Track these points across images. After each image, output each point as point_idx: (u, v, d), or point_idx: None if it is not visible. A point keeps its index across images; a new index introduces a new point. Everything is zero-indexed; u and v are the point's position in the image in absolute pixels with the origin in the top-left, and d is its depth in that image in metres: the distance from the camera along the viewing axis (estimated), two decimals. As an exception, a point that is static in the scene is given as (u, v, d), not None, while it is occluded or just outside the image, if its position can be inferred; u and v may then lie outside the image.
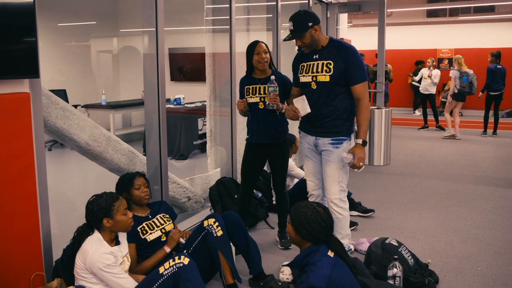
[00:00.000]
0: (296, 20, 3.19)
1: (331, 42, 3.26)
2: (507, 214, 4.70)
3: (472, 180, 6.04)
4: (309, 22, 3.14)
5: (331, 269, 2.40)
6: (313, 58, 3.25)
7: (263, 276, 3.16)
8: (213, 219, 2.98)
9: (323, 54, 3.22)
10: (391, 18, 13.42)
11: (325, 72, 3.19)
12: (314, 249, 2.52)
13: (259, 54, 3.62)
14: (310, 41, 3.19)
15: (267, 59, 3.64)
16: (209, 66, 4.96)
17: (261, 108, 3.62)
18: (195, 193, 4.71)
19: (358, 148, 3.17)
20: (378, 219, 4.58)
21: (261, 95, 3.62)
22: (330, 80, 3.18)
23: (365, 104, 3.20)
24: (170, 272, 2.52)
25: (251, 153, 3.81)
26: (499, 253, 3.75)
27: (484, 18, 13.19)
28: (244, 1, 5.22)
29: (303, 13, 3.24)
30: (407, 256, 3.23)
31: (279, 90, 3.51)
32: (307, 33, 3.16)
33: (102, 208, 2.58)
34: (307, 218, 2.54)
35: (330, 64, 3.17)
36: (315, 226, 2.53)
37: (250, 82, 3.71)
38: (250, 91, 3.67)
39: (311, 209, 2.59)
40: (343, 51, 3.18)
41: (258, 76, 3.71)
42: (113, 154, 3.77)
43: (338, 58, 3.17)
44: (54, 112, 3.25)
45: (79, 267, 2.53)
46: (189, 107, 7.97)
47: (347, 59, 3.15)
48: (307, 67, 3.28)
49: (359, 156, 3.14)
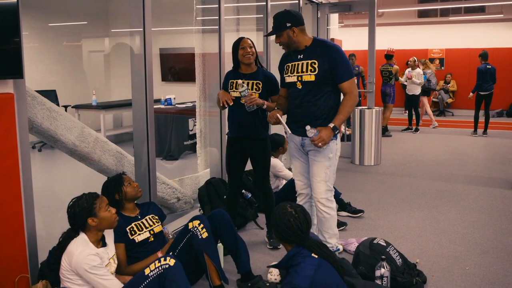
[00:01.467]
0: (276, 18, 3.26)
1: (314, 42, 3.28)
2: (496, 213, 4.73)
3: (461, 180, 6.07)
4: (287, 23, 3.19)
5: (315, 270, 2.39)
6: (298, 58, 3.27)
7: (251, 276, 3.15)
8: (198, 221, 2.97)
9: (307, 53, 3.24)
10: (382, 18, 13.45)
11: (310, 71, 3.20)
12: (298, 251, 2.51)
13: (244, 48, 3.63)
14: (286, 40, 3.23)
15: (252, 53, 3.65)
16: (198, 66, 4.95)
17: (243, 102, 3.58)
18: (185, 193, 4.69)
19: (326, 129, 3.13)
20: (368, 219, 4.58)
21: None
22: (316, 79, 3.19)
23: (351, 97, 3.20)
24: (156, 273, 2.50)
25: (232, 148, 3.81)
26: (487, 253, 3.76)
27: (474, 19, 13.27)
28: (234, 1, 5.21)
29: (285, 12, 3.27)
30: (395, 256, 3.23)
31: (263, 87, 3.58)
32: (284, 32, 3.20)
33: (84, 209, 2.56)
34: (278, 219, 2.54)
35: (314, 64, 3.19)
36: (283, 228, 2.52)
37: (235, 76, 3.71)
38: (234, 85, 3.67)
39: (282, 210, 2.57)
40: (327, 50, 3.20)
41: (244, 71, 3.71)
42: (101, 155, 3.75)
43: (322, 57, 3.18)
44: (40, 113, 3.23)
45: (65, 269, 2.51)
46: (179, 108, 7.95)
47: (332, 58, 3.17)
48: (292, 67, 3.29)
49: (321, 135, 3.10)
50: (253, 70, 3.69)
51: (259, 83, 3.63)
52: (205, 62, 4.97)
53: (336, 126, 3.16)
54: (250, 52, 3.63)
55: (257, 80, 3.64)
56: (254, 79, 3.65)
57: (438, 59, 13.86)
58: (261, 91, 3.62)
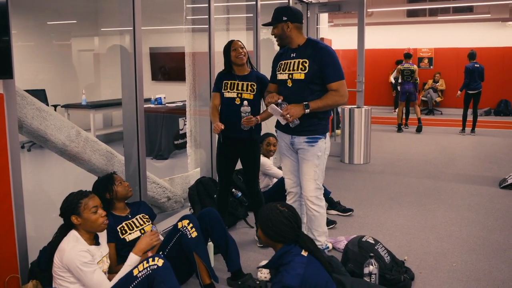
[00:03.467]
0: (276, 10, 3.38)
1: (308, 42, 3.33)
2: (482, 211, 4.80)
3: (449, 178, 6.14)
4: (284, 16, 3.28)
5: (304, 268, 2.41)
6: (291, 56, 3.33)
7: (241, 275, 3.18)
8: (187, 220, 2.98)
9: (299, 52, 3.30)
10: (372, 17, 13.54)
11: (301, 70, 3.24)
12: (287, 250, 2.51)
13: (236, 50, 3.68)
14: (280, 32, 3.31)
15: (244, 53, 3.70)
16: (189, 65, 4.96)
17: (237, 103, 3.65)
18: (175, 193, 4.70)
19: (296, 105, 3.16)
20: (357, 217, 4.63)
21: (239, 91, 3.67)
22: (305, 78, 3.23)
23: (337, 94, 3.20)
24: (144, 274, 2.51)
25: (223, 147, 3.84)
26: (474, 250, 3.82)
27: (462, 18, 13.40)
28: (224, 1, 5.23)
29: (285, 7, 3.41)
30: (383, 253, 3.28)
31: (257, 88, 3.66)
32: (279, 24, 3.30)
33: (69, 205, 2.57)
34: (271, 219, 2.53)
35: (305, 63, 3.23)
36: (279, 226, 2.51)
37: (229, 77, 3.74)
38: (228, 86, 3.71)
39: (274, 210, 2.57)
40: (318, 51, 3.24)
41: (237, 73, 3.75)
42: (91, 155, 3.75)
43: (313, 57, 3.23)
44: (30, 113, 3.22)
45: (57, 266, 2.52)
46: (170, 107, 7.94)
47: (322, 59, 3.21)
48: (285, 65, 3.35)
49: (290, 108, 3.13)
50: (247, 72, 3.74)
51: (253, 85, 3.68)
52: (195, 62, 4.98)
53: (308, 104, 3.16)
54: (242, 53, 3.68)
55: (251, 81, 3.69)
56: (249, 81, 3.69)
57: (427, 58, 13.97)
58: (255, 92, 3.68)
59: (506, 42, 13.11)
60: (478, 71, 9.45)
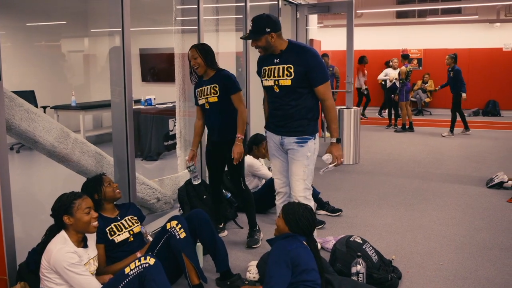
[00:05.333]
0: (255, 22, 3.28)
1: (290, 46, 3.31)
2: (469, 210, 4.85)
3: (437, 178, 6.20)
4: (267, 28, 3.21)
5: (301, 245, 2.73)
6: (274, 62, 3.31)
7: (230, 275, 3.20)
8: (175, 221, 3.00)
9: (282, 58, 3.28)
10: (361, 19, 13.61)
11: (286, 76, 3.25)
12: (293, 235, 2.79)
13: (190, 61, 3.80)
14: (264, 44, 3.26)
15: (197, 65, 3.75)
16: (178, 67, 4.97)
17: (207, 108, 3.80)
18: (164, 194, 4.71)
19: (334, 147, 3.32)
20: (346, 217, 4.66)
21: (205, 96, 3.78)
22: (292, 84, 3.25)
23: (329, 104, 3.28)
24: (135, 272, 2.53)
25: (208, 150, 4.02)
26: (461, 249, 3.87)
27: (451, 20, 13.52)
28: (213, 2, 5.24)
29: (265, 17, 3.30)
30: (371, 253, 3.31)
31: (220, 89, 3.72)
32: (263, 37, 3.23)
33: (62, 205, 2.58)
34: (298, 212, 2.81)
35: (290, 68, 3.24)
36: (303, 220, 2.79)
37: (199, 85, 3.88)
38: (199, 93, 3.85)
39: (302, 206, 2.89)
40: (302, 54, 3.25)
41: (204, 77, 3.86)
42: (80, 156, 3.75)
43: (298, 62, 3.23)
44: (18, 115, 3.22)
45: (44, 267, 2.52)
46: (160, 108, 7.93)
47: (307, 62, 3.22)
48: (269, 71, 3.34)
49: (336, 154, 3.30)
50: (210, 75, 3.80)
51: (216, 86, 3.74)
52: (184, 63, 4.99)
53: (338, 138, 3.34)
54: (195, 65, 3.76)
55: (213, 84, 3.76)
56: (211, 84, 3.77)
57: (416, 59, 14.07)
58: (218, 94, 3.73)
59: (494, 43, 13.25)
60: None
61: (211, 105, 3.76)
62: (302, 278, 2.62)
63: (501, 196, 5.31)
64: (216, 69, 3.82)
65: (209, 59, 3.77)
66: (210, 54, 3.79)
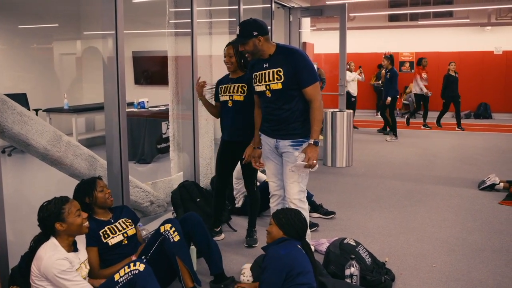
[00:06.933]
0: (243, 26, 3.30)
1: (278, 49, 3.33)
2: (462, 212, 4.88)
3: (430, 180, 6.23)
4: (254, 31, 3.23)
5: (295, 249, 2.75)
6: (264, 67, 3.33)
7: (224, 278, 3.20)
8: (169, 224, 2.99)
9: (272, 62, 3.30)
10: (354, 22, 13.68)
11: (277, 80, 3.26)
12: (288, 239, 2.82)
13: (225, 57, 3.84)
14: (252, 49, 3.27)
15: (232, 62, 3.79)
16: (171, 69, 4.97)
17: (230, 106, 3.80)
18: (158, 197, 4.70)
19: (309, 148, 3.27)
20: (339, 220, 4.68)
21: (230, 94, 3.79)
22: (283, 87, 3.26)
23: (316, 105, 3.28)
24: (125, 279, 2.50)
25: (222, 149, 4.01)
26: (453, 250, 3.89)
27: (443, 23, 13.63)
28: (207, 5, 5.24)
29: (252, 21, 3.31)
30: (364, 255, 3.32)
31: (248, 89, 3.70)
32: (250, 40, 3.24)
33: (52, 213, 2.55)
34: (292, 215, 2.87)
35: (280, 72, 3.25)
36: (297, 223, 2.85)
37: (224, 81, 3.91)
38: (223, 90, 3.87)
39: (294, 211, 2.95)
40: (290, 56, 3.26)
41: (231, 76, 3.89)
42: (73, 159, 3.73)
43: (286, 64, 3.24)
44: (10, 117, 3.20)
45: (34, 275, 2.49)
46: (153, 111, 7.92)
47: (296, 63, 3.23)
48: (260, 76, 3.35)
49: (309, 155, 3.23)
50: (239, 75, 3.83)
51: (244, 86, 3.76)
52: (178, 65, 4.99)
53: (316, 141, 3.28)
54: (228, 62, 3.80)
55: (242, 83, 3.77)
56: (240, 83, 3.79)
57: (408, 62, 14.15)
58: (246, 94, 3.75)
59: (485, 47, 13.36)
60: None
61: (235, 103, 3.78)
62: (298, 281, 2.61)
63: (493, 198, 5.35)
64: (245, 71, 3.84)
65: (244, 62, 3.80)
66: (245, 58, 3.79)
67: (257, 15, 6.93)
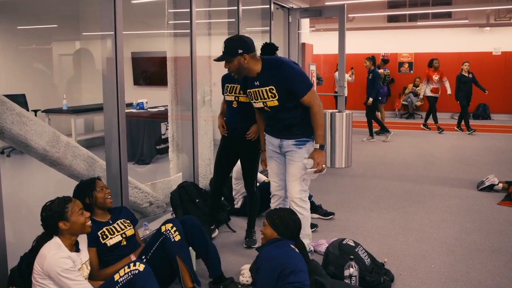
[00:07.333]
0: (227, 44, 3.26)
1: (264, 65, 3.26)
2: (461, 213, 4.89)
3: (429, 181, 6.24)
4: (239, 49, 3.18)
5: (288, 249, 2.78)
6: (255, 84, 3.32)
7: (223, 279, 3.19)
8: (170, 224, 2.99)
9: (261, 80, 3.27)
10: (353, 23, 13.69)
11: (271, 97, 3.26)
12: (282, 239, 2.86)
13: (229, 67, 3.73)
14: (237, 67, 3.23)
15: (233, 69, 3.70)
16: (170, 70, 4.97)
17: (234, 106, 3.80)
18: (157, 198, 4.70)
19: (316, 153, 3.30)
20: (338, 221, 4.68)
21: (236, 94, 3.78)
22: (279, 103, 3.27)
23: (315, 110, 3.27)
24: (125, 279, 2.51)
25: (223, 145, 4.01)
26: (452, 251, 3.90)
27: (441, 24, 13.64)
28: (206, 6, 5.24)
29: (237, 38, 3.30)
30: (363, 256, 3.32)
31: None
32: (235, 59, 3.20)
33: (55, 212, 2.56)
34: (284, 216, 2.91)
35: (272, 90, 3.24)
36: (290, 223, 2.90)
37: (230, 80, 3.80)
38: (228, 89, 3.85)
39: (287, 210, 3.01)
40: (278, 71, 3.21)
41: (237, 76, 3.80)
42: (72, 160, 3.73)
43: (276, 81, 3.22)
44: (9, 118, 3.20)
45: (37, 273, 2.50)
46: (152, 112, 7.92)
47: (285, 78, 3.20)
48: (254, 94, 3.35)
49: (317, 160, 3.26)
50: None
51: None
52: (177, 66, 4.99)
53: (321, 145, 3.31)
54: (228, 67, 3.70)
55: None
56: None
57: (407, 63, 14.16)
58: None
59: (484, 47, 13.38)
60: None
61: (240, 104, 3.77)
62: (289, 280, 2.64)
63: (492, 199, 5.35)
64: None
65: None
66: None
67: (256, 16, 6.95)
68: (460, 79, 10.57)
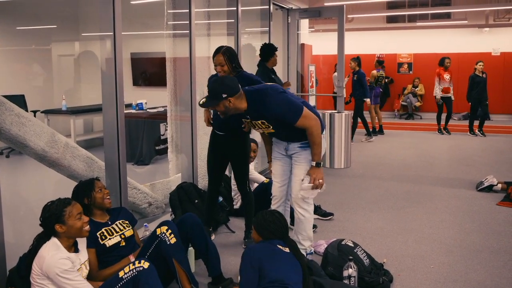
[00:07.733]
0: (211, 89, 3.28)
1: (249, 101, 3.25)
2: (460, 213, 4.89)
3: (428, 181, 6.24)
4: (223, 93, 3.16)
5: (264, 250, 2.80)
6: (248, 117, 3.42)
7: (222, 279, 3.20)
8: (165, 226, 2.99)
9: (251, 115, 3.35)
10: (352, 23, 13.69)
11: (266, 127, 3.38)
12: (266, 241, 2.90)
13: (216, 66, 3.76)
14: (223, 109, 3.24)
15: (223, 71, 3.71)
16: (170, 71, 4.97)
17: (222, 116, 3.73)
18: (156, 198, 4.70)
19: (312, 169, 3.40)
20: (337, 221, 4.68)
21: None
22: (276, 129, 3.39)
23: (310, 132, 3.30)
24: (130, 276, 2.53)
25: (212, 150, 4.00)
26: (451, 252, 3.90)
27: (441, 24, 13.65)
28: (205, 6, 5.25)
29: (220, 82, 3.25)
30: (362, 256, 3.32)
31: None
32: (220, 103, 3.19)
33: (53, 214, 2.56)
34: (265, 220, 2.92)
35: (264, 122, 3.34)
36: (272, 225, 2.90)
37: None
38: None
39: (267, 213, 2.99)
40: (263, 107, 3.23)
41: None
42: (71, 161, 3.73)
43: (265, 116, 3.28)
44: (8, 119, 3.20)
45: (36, 273, 2.50)
46: (151, 112, 7.92)
47: (272, 113, 3.23)
48: (250, 124, 3.48)
49: (313, 176, 3.37)
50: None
51: None
52: (176, 67, 4.99)
53: (318, 162, 3.38)
54: (221, 72, 3.72)
55: None
56: None
57: (406, 64, 14.17)
58: None
59: (483, 48, 13.37)
60: None
61: None
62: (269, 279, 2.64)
63: (491, 199, 5.36)
64: (238, 71, 3.78)
65: (235, 65, 3.76)
66: (236, 59, 3.77)
67: (255, 16, 6.95)
68: (473, 79, 10.21)
